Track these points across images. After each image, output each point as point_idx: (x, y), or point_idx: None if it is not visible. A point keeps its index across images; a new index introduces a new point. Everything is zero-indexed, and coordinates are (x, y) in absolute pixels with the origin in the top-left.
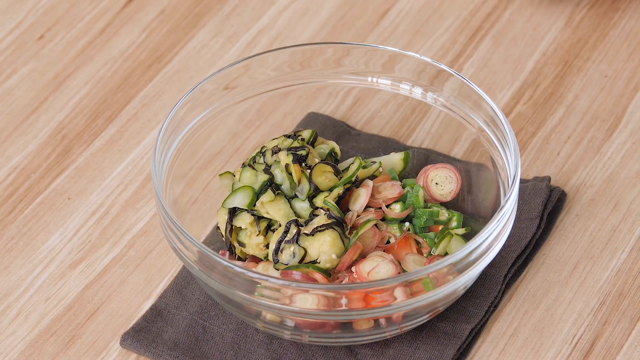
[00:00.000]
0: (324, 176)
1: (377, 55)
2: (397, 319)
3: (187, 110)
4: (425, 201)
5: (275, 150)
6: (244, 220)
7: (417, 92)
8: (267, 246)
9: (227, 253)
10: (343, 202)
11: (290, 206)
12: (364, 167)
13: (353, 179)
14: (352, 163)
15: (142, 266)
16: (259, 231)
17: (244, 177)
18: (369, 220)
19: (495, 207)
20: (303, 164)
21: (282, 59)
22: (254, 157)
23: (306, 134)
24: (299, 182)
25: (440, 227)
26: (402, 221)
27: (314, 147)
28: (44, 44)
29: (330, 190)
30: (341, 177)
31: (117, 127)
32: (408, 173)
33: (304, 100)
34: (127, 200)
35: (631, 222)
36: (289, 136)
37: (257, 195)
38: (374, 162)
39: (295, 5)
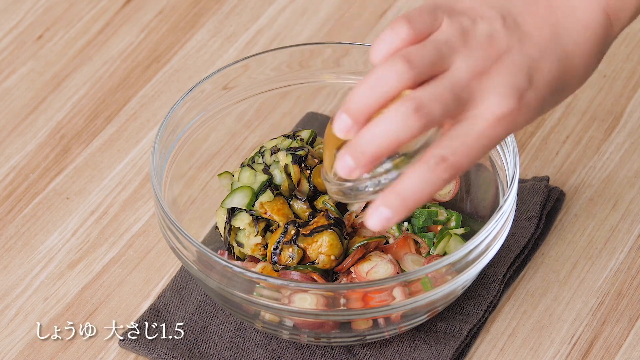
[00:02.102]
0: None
1: None
2: (396, 319)
3: (185, 110)
4: None
5: (274, 150)
6: (242, 221)
7: None
8: (265, 247)
9: (226, 253)
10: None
11: (290, 207)
12: None
13: None
14: None
15: (140, 266)
16: (257, 231)
17: (242, 177)
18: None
19: (494, 207)
20: (302, 165)
21: (281, 58)
22: (253, 157)
23: (305, 134)
24: (298, 183)
25: (439, 227)
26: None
27: (313, 148)
28: (43, 43)
29: None
30: None
31: (115, 127)
32: None
33: (302, 100)
34: (126, 200)
35: (630, 221)
36: (288, 136)
37: (256, 195)
38: None
39: (294, 5)
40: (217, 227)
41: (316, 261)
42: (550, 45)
